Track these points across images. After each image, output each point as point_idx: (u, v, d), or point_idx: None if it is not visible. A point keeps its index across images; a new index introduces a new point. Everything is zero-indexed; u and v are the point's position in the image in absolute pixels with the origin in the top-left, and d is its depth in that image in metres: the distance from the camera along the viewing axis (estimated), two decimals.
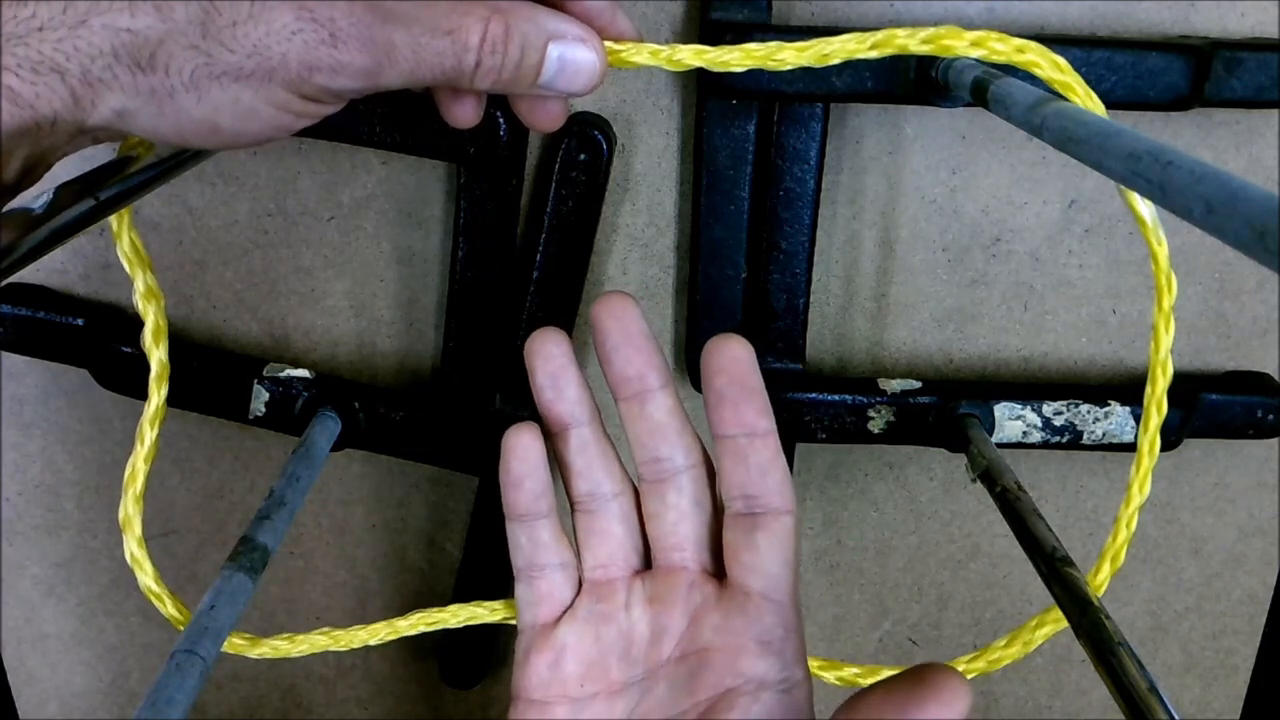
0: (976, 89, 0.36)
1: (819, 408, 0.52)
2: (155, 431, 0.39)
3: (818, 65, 0.34)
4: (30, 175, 0.28)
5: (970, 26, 0.50)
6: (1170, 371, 0.35)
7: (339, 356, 0.55)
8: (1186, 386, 0.53)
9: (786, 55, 0.34)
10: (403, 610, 0.40)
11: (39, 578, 0.59)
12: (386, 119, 0.47)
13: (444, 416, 0.52)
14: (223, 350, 0.55)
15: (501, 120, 0.47)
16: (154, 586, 0.39)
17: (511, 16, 0.31)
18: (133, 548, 0.39)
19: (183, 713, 0.30)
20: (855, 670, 0.42)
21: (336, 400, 0.50)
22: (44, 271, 0.53)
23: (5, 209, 0.29)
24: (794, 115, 0.49)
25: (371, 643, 0.41)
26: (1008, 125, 0.34)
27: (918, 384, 0.53)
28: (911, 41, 0.33)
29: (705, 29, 0.47)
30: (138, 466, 0.39)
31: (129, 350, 0.51)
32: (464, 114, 0.35)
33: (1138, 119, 0.51)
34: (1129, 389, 0.54)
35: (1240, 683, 0.63)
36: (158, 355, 0.39)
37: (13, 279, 0.51)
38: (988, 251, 0.54)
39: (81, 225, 0.31)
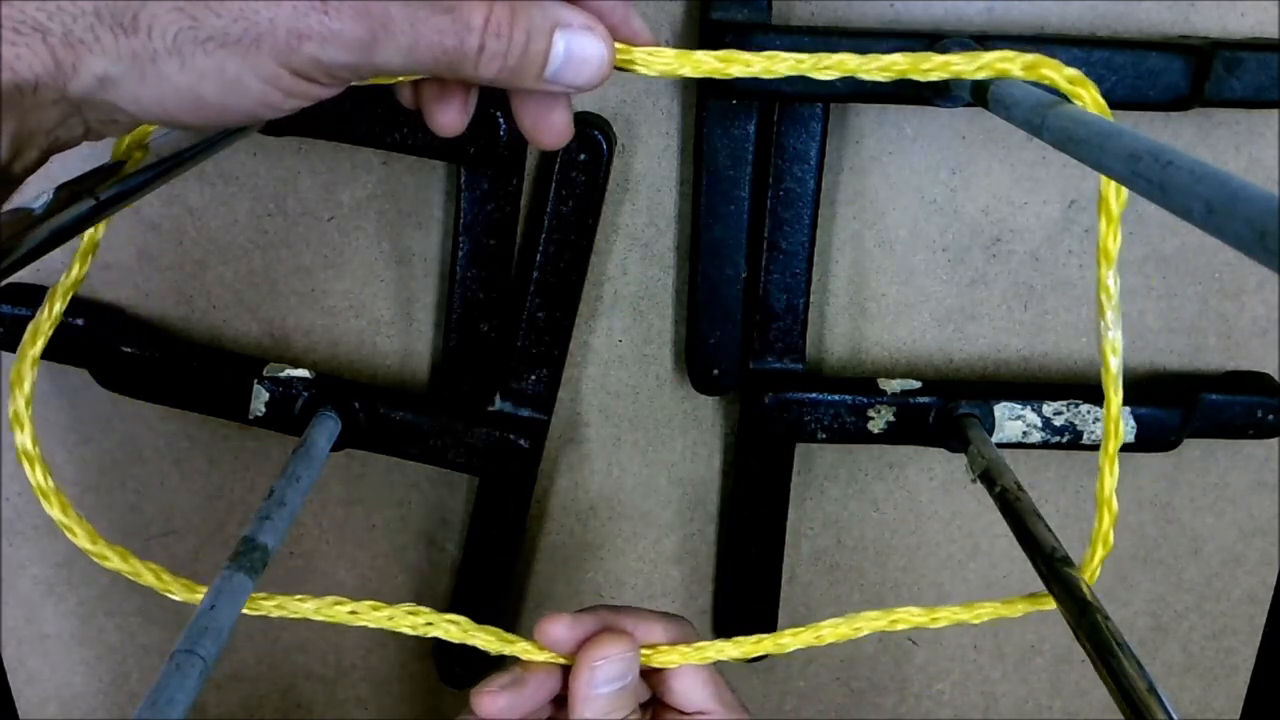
0: (977, 89, 0.36)
1: (819, 408, 0.52)
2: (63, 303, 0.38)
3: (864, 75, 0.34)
4: (20, 156, 0.27)
5: (970, 26, 0.50)
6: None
7: (339, 356, 0.55)
8: (1186, 386, 0.53)
9: (833, 62, 0.34)
10: None
11: (39, 578, 0.59)
12: (386, 119, 0.47)
13: (444, 416, 0.52)
14: (223, 350, 0.55)
15: (501, 120, 0.47)
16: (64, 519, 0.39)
17: (517, 1, 0.30)
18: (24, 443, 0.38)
19: (183, 713, 0.30)
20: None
21: (336, 400, 0.50)
22: (44, 271, 0.53)
23: (5, 209, 0.28)
24: (794, 115, 0.49)
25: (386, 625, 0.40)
26: (1008, 125, 0.34)
27: (918, 384, 0.53)
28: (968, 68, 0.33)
29: (705, 29, 0.47)
30: (39, 330, 0.37)
31: (129, 350, 0.51)
32: (449, 119, 0.34)
33: (1138, 119, 0.51)
34: (1129, 389, 0.54)
35: (1240, 683, 0.63)
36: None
37: (13, 279, 0.51)
38: (988, 251, 0.54)
39: (81, 225, 0.31)
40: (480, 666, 0.60)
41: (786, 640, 0.40)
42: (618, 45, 0.33)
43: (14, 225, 0.28)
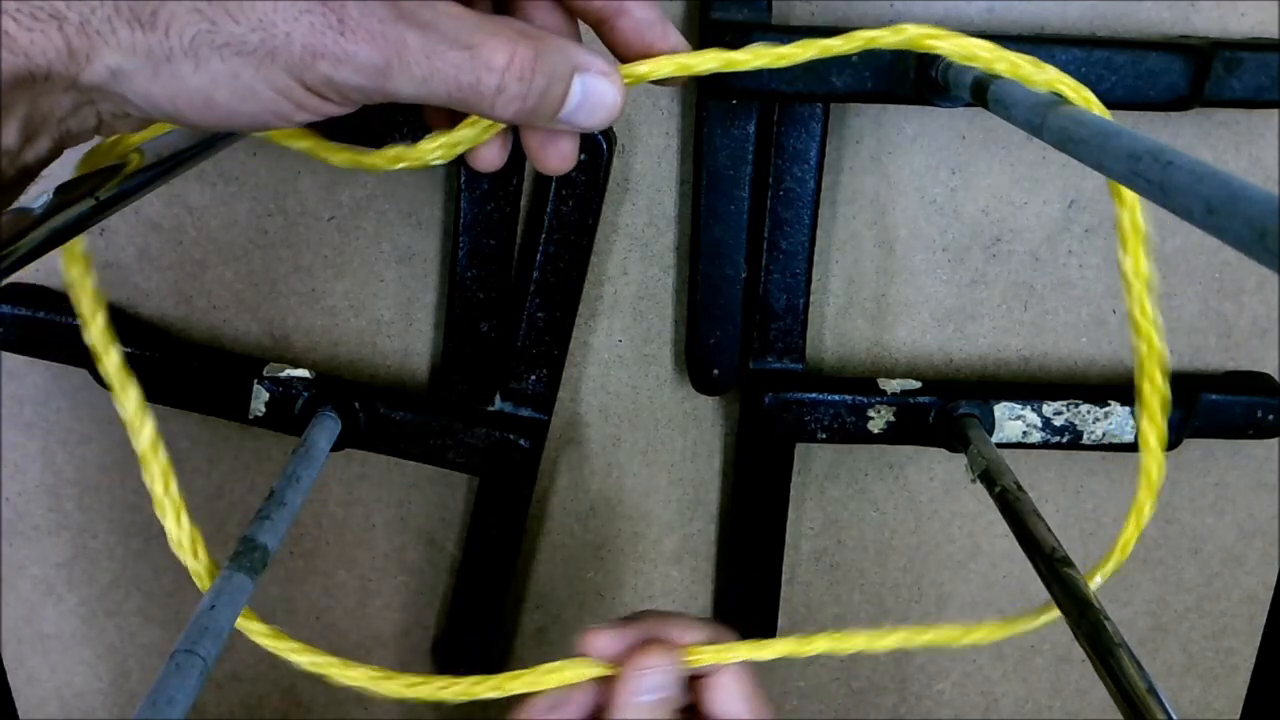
0: (976, 89, 0.36)
1: (819, 408, 0.52)
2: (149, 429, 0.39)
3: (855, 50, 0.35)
4: (32, 144, 0.27)
5: (970, 26, 0.50)
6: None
7: (339, 356, 0.55)
8: (1186, 386, 0.53)
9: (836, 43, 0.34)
10: (402, 609, 0.40)
11: (39, 578, 0.59)
12: (386, 120, 0.47)
13: (444, 416, 0.52)
14: (223, 350, 0.55)
15: None
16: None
17: (540, 44, 0.30)
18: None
19: (183, 713, 0.30)
20: None
21: (336, 400, 0.50)
22: (44, 271, 0.53)
23: (5, 210, 0.28)
24: (794, 115, 0.49)
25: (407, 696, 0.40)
26: (1008, 125, 0.34)
27: (918, 384, 0.53)
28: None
29: (705, 29, 0.47)
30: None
31: (129, 350, 0.51)
32: (489, 155, 0.35)
33: (1138, 119, 0.51)
34: (1129, 389, 0.54)
35: (1240, 683, 0.63)
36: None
37: (13, 279, 0.51)
38: (988, 251, 0.54)
39: (82, 225, 0.31)
40: (481, 667, 0.60)
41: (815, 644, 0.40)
42: (651, 62, 0.33)
43: (14, 225, 0.28)
